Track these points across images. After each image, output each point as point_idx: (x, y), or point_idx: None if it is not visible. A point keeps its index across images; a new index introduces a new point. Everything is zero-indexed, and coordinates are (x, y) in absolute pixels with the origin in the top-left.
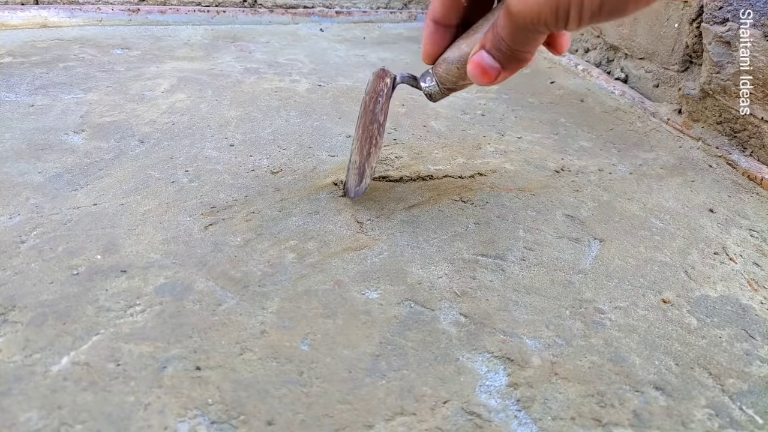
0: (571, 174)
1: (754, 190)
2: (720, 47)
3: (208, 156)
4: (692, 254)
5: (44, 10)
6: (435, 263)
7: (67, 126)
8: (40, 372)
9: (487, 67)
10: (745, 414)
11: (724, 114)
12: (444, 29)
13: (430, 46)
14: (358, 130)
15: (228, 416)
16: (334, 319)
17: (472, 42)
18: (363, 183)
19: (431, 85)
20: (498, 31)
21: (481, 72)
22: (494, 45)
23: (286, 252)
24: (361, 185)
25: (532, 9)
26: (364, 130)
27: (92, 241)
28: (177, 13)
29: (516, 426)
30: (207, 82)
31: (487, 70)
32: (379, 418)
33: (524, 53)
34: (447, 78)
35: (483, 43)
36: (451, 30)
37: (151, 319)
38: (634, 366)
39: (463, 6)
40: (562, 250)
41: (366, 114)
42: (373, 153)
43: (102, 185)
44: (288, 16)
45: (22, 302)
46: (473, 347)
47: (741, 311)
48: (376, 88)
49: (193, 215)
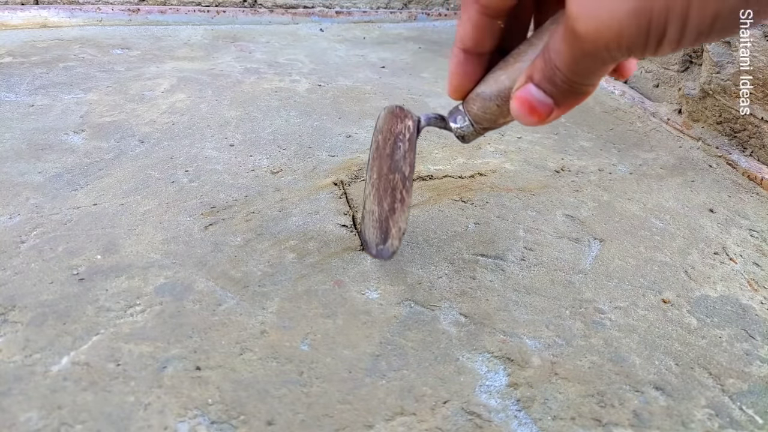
0: (571, 174)
1: (754, 190)
2: (720, 47)
3: (208, 156)
4: (692, 254)
5: (44, 10)
6: (435, 263)
7: (67, 126)
8: (40, 372)
9: (537, 103)
10: (745, 414)
11: (724, 114)
12: (476, 58)
13: (460, 79)
14: (372, 174)
15: (228, 416)
16: (334, 319)
17: (514, 73)
18: (389, 243)
19: (464, 126)
20: (552, 59)
21: (530, 110)
22: (546, 76)
23: (286, 252)
24: (386, 245)
25: (609, 29)
26: (381, 178)
27: (92, 241)
28: (177, 13)
29: (516, 426)
30: (207, 82)
31: (536, 108)
32: (379, 418)
33: (586, 86)
34: (483, 117)
35: (530, 74)
36: (484, 58)
37: (151, 319)
38: (634, 366)
39: (499, 29)
40: (562, 250)
41: (382, 158)
42: (399, 210)
43: (102, 185)
44: (288, 16)
45: (22, 302)
46: (473, 347)
47: (741, 311)
48: (392, 129)
49: (193, 215)
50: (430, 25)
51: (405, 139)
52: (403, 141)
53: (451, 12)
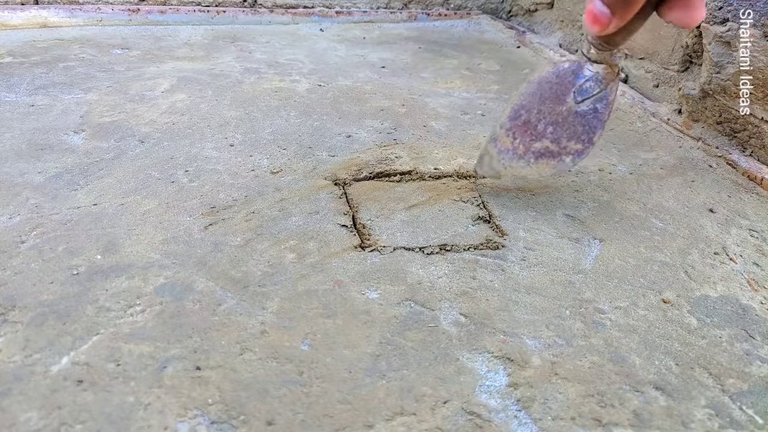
0: (571, 174)
1: (754, 190)
2: (720, 47)
3: (208, 156)
4: (692, 254)
5: (44, 10)
6: (435, 263)
7: (67, 126)
8: (40, 372)
9: (599, 13)
10: (745, 414)
11: (724, 114)
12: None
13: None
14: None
15: (228, 416)
16: (334, 319)
17: None
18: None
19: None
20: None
21: (593, 19)
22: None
23: (286, 252)
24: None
25: None
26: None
27: (92, 241)
28: (177, 13)
29: (516, 426)
30: (207, 82)
31: (598, 17)
32: (379, 418)
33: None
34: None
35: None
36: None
37: (151, 319)
38: (634, 366)
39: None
40: (562, 250)
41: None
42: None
43: (102, 185)
44: (288, 16)
45: (22, 302)
46: (473, 347)
47: (741, 311)
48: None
49: (193, 215)
50: (430, 25)
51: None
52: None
53: (451, 12)
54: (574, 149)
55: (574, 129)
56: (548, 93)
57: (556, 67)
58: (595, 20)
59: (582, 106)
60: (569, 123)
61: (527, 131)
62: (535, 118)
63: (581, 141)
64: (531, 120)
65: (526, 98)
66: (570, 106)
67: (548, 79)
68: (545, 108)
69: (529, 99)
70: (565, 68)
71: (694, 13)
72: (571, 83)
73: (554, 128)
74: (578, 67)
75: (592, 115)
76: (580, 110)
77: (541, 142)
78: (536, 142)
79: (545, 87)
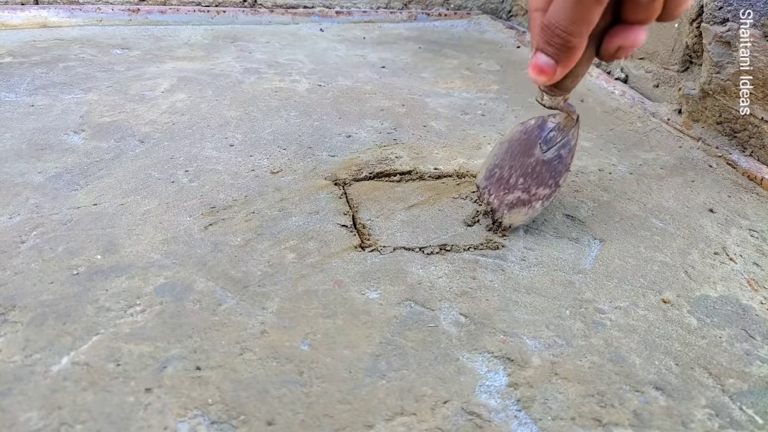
0: (571, 174)
1: (754, 190)
2: (720, 47)
3: (208, 156)
4: (692, 254)
5: (44, 10)
6: (435, 263)
7: (67, 126)
8: (40, 372)
9: (544, 65)
10: (745, 414)
11: (724, 114)
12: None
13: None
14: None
15: (228, 416)
16: (334, 319)
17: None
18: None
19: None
20: (550, 21)
21: (539, 71)
22: (545, 40)
23: (286, 252)
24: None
25: None
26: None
27: (92, 241)
28: (177, 13)
29: (516, 426)
30: (207, 82)
31: (544, 69)
32: (379, 418)
33: (576, 39)
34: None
35: (536, 45)
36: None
37: (151, 319)
38: (634, 366)
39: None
40: (562, 250)
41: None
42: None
43: (102, 185)
44: (288, 16)
45: (22, 302)
46: (473, 347)
47: (741, 311)
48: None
49: (193, 215)
50: (430, 25)
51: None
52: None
53: (451, 12)
54: (542, 194)
55: (542, 176)
56: (518, 149)
57: (524, 124)
58: (541, 71)
59: (548, 155)
60: (537, 172)
61: (501, 186)
62: (507, 173)
63: (548, 186)
64: (504, 176)
65: (498, 158)
66: (538, 156)
67: (517, 138)
68: (516, 163)
69: (501, 158)
70: (531, 124)
71: (636, 35)
72: (537, 136)
73: (524, 179)
74: (543, 121)
75: (558, 161)
76: (547, 158)
77: (513, 193)
78: (509, 194)
79: (515, 144)
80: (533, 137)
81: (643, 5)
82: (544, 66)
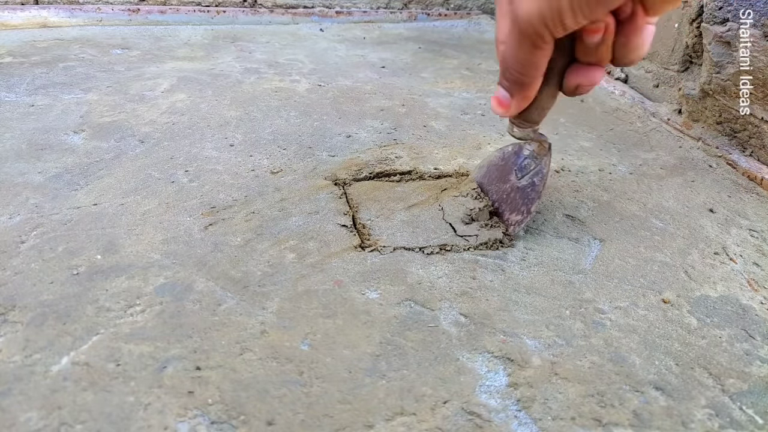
0: (571, 174)
1: (754, 190)
2: (720, 47)
3: (208, 156)
4: (692, 254)
5: (44, 10)
6: (435, 263)
7: (67, 126)
8: (40, 372)
9: (501, 97)
10: (745, 414)
11: (724, 114)
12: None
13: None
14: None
15: (228, 416)
16: (334, 319)
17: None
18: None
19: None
20: (504, 57)
21: (497, 103)
22: (502, 74)
23: (286, 252)
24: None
25: (532, 8)
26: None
27: (92, 241)
28: (177, 13)
29: (516, 426)
30: (207, 82)
31: (501, 101)
32: (379, 418)
33: (528, 76)
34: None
35: (500, 78)
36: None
37: (151, 319)
38: (634, 366)
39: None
40: (562, 250)
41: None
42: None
43: (102, 185)
44: (288, 16)
45: (22, 302)
46: (473, 347)
47: (741, 311)
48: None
49: (193, 215)
50: (430, 25)
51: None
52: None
53: (451, 12)
54: (515, 220)
55: (515, 203)
56: (495, 174)
57: (501, 150)
58: (500, 103)
59: (522, 182)
60: (511, 198)
61: None
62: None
63: (521, 212)
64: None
65: (478, 179)
66: (513, 183)
67: (495, 163)
68: (493, 188)
69: (479, 181)
70: (508, 151)
71: (593, 75)
72: (513, 163)
73: (499, 204)
74: (519, 148)
75: (531, 188)
76: (521, 185)
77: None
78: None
79: (492, 170)
80: (510, 163)
81: (591, 49)
82: (501, 98)
